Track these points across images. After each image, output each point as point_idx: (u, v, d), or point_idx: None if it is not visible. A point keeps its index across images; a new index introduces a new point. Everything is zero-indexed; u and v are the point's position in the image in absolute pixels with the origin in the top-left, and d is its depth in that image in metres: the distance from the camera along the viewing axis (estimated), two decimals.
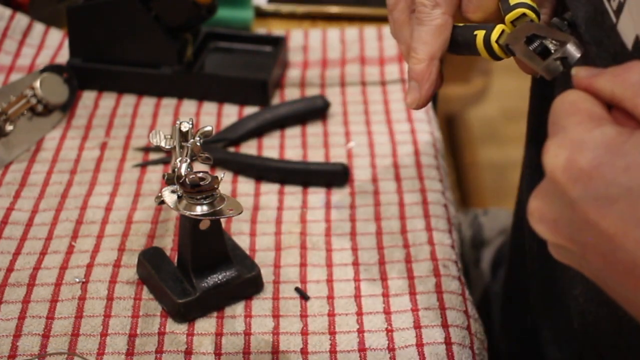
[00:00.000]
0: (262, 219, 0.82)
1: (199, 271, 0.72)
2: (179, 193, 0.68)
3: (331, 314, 0.72)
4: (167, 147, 0.68)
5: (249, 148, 0.91)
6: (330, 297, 0.74)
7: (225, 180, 0.86)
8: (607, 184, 0.46)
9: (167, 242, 0.79)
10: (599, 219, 0.46)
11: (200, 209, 0.67)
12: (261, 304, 0.73)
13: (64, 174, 0.88)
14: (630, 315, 0.49)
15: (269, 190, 0.85)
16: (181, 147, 0.68)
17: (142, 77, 0.99)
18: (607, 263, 0.47)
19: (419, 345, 0.69)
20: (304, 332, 0.71)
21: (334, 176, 0.86)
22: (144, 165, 0.89)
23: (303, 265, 0.77)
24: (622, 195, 0.45)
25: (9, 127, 0.90)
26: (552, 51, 0.59)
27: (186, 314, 0.71)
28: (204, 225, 0.70)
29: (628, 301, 0.48)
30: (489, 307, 1.05)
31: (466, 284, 0.76)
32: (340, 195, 0.85)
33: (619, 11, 0.56)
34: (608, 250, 0.46)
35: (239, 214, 0.68)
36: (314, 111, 0.95)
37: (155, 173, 0.88)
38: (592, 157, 0.46)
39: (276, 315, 0.72)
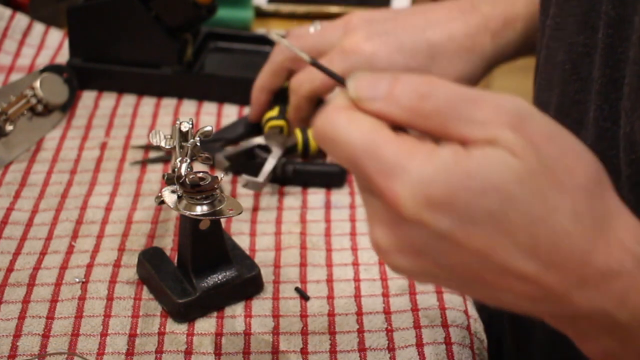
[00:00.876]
0: (262, 219, 0.82)
1: (199, 271, 0.72)
2: (179, 193, 0.68)
3: (331, 314, 0.72)
4: (167, 147, 0.68)
5: None
6: (330, 297, 0.74)
7: (225, 180, 0.86)
8: (470, 208, 0.45)
9: (167, 242, 0.79)
10: (468, 241, 0.45)
11: (200, 209, 0.67)
12: (261, 304, 0.73)
13: (64, 174, 0.88)
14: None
15: (269, 191, 0.85)
16: (181, 147, 0.68)
17: (142, 77, 0.99)
18: (476, 276, 0.47)
19: (419, 345, 0.69)
20: (304, 332, 0.71)
21: (333, 177, 0.86)
22: (143, 163, 0.89)
23: (303, 265, 0.77)
24: (486, 217, 0.45)
25: (9, 127, 0.90)
26: None
27: (186, 314, 0.71)
28: (204, 225, 0.70)
29: (502, 301, 0.48)
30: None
31: None
32: (340, 196, 0.85)
33: None
34: (478, 266, 0.46)
35: (239, 214, 0.67)
36: None
37: (155, 173, 0.88)
38: (446, 187, 0.45)
39: (276, 315, 0.72)
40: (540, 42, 0.74)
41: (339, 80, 0.48)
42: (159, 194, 0.69)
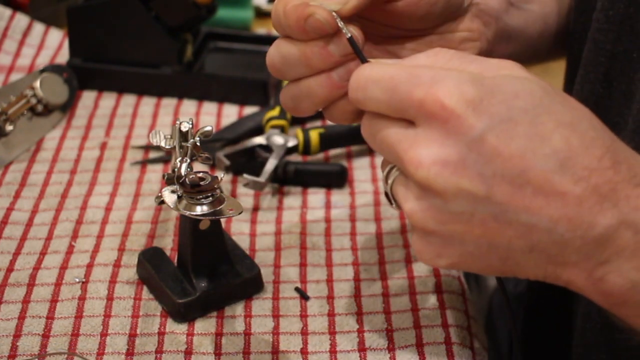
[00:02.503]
0: (262, 219, 0.82)
1: (199, 271, 0.72)
2: (179, 193, 0.68)
3: (331, 314, 0.72)
4: (167, 147, 0.68)
5: None
6: (330, 297, 0.74)
7: (225, 180, 0.86)
8: (506, 108, 0.48)
9: (167, 242, 0.79)
10: (507, 143, 0.48)
11: (200, 209, 0.67)
12: (261, 304, 0.73)
13: (64, 174, 0.88)
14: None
15: (269, 191, 0.85)
16: (181, 147, 0.68)
17: (142, 77, 0.99)
18: (514, 190, 0.48)
19: (419, 345, 0.69)
20: (304, 332, 0.71)
21: (333, 177, 0.86)
22: (143, 163, 0.89)
23: (303, 265, 0.77)
24: (522, 117, 0.48)
25: (9, 127, 0.90)
26: None
27: (186, 314, 0.71)
28: (204, 225, 0.70)
29: (532, 230, 0.49)
30: (502, 305, 1.05)
31: (475, 283, 0.76)
32: (340, 195, 0.85)
33: None
34: (516, 175, 0.48)
35: (239, 214, 0.67)
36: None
37: (155, 173, 0.88)
38: (482, 90, 0.49)
39: (276, 315, 0.72)
40: (580, 36, 0.73)
41: (364, 61, 0.56)
42: (159, 194, 0.69)
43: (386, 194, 0.55)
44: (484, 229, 0.49)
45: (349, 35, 0.56)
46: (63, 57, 1.03)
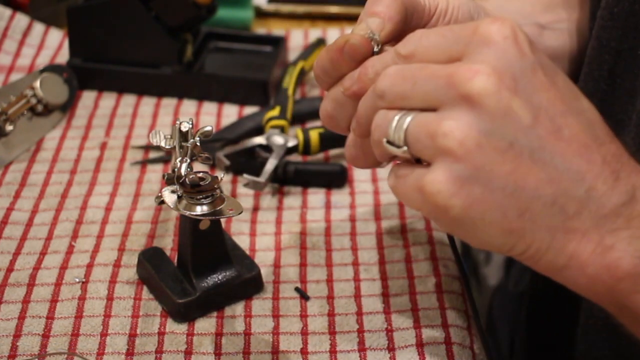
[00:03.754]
0: (262, 219, 0.82)
1: (199, 271, 0.72)
2: (179, 193, 0.68)
3: (331, 314, 0.72)
4: (167, 147, 0.68)
5: None
6: (330, 297, 0.74)
7: (225, 180, 0.86)
8: (548, 59, 0.51)
9: (167, 242, 0.79)
10: (553, 82, 0.50)
11: (200, 209, 0.67)
12: (261, 304, 0.73)
13: (64, 174, 0.88)
14: None
15: (269, 191, 0.85)
16: (181, 147, 0.68)
17: (142, 77, 0.99)
18: (555, 129, 0.49)
19: (419, 345, 0.69)
20: (304, 332, 0.71)
21: (333, 176, 0.86)
22: (143, 163, 0.89)
23: (303, 265, 0.77)
24: (559, 70, 0.51)
25: (9, 127, 0.90)
26: None
27: (186, 314, 0.71)
28: (204, 225, 0.70)
29: (561, 176, 0.50)
30: (502, 305, 1.05)
31: (476, 282, 0.76)
32: (340, 195, 0.85)
33: None
34: (559, 114, 0.50)
35: (239, 214, 0.67)
36: (313, 112, 0.95)
37: (155, 173, 0.88)
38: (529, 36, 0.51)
39: (276, 315, 0.72)
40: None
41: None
42: (159, 194, 0.69)
43: (389, 142, 0.53)
44: (517, 165, 0.49)
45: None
46: (63, 57, 1.03)
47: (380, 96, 0.53)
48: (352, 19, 1.12)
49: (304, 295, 0.74)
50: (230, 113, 0.96)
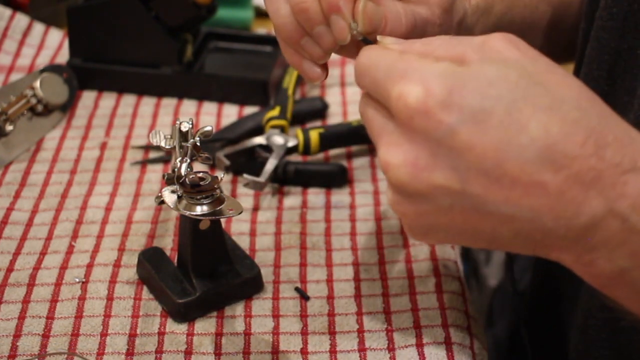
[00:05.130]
0: (262, 219, 0.82)
1: (199, 271, 0.72)
2: (179, 193, 0.68)
3: (331, 314, 0.72)
4: (167, 147, 0.68)
5: None
6: (330, 297, 0.74)
7: (225, 180, 0.86)
8: (479, 99, 0.47)
9: (167, 242, 0.79)
10: (480, 135, 0.47)
11: (200, 209, 0.67)
12: (261, 304, 0.73)
13: (64, 174, 0.88)
14: None
15: (269, 191, 0.85)
16: (181, 147, 0.68)
17: (142, 77, 0.99)
18: (491, 182, 0.48)
19: (419, 345, 0.69)
20: (304, 332, 0.71)
21: (333, 176, 0.86)
22: (143, 163, 0.89)
23: (303, 265, 0.77)
24: (496, 106, 0.47)
25: (9, 127, 0.90)
26: None
27: (186, 314, 0.71)
28: (204, 225, 0.70)
29: (513, 219, 0.48)
30: (502, 305, 1.05)
31: (476, 282, 0.76)
32: (340, 196, 0.85)
33: None
34: (492, 168, 0.47)
35: (239, 214, 0.67)
36: (313, 112, 0.95)
37: (155, 173, 0.88)
38: (451, 83, 0.48)
39: (276, 315, 0.72)
40: (584, 33, 0.73)
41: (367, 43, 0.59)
42: (159, 194, 0.69)
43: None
44: (466, 219, 0.49)
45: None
46: (63, 57, 1.03)
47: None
48: None
49: (304, 295, 0.74)
50: (230, 113, 0.96)
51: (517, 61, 0.49)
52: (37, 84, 0.92)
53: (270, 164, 0.83)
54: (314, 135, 0.87)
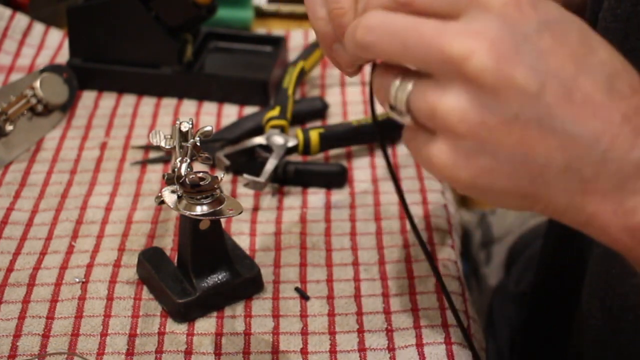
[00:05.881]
0: (262, 219, 0.82)
1: (199, 271, 0.72)
2: (179, 193, 0.68)
3: (331, 314, 0.72)
4: (167, 147, 0.68)
5: None
6: (330, 297, 0.74)
7: (225, 180, 0.86)
8: (559, 13, 0.48)
9: (167, 242, 0.79)
10: (561, 43, 0.47)
11: (200, 209, 0.67)
12: (261, 304, 0.73)
13: (64, 174, 0.88)
14: None
15: (269, 191, 0.85)
16: (181, 147, 0.68)
17: (142, 77, 0.99)
18: (566, 93, 0.47)
19: (419, 345, 0.69)
20: (304, 332, 0.71)
21: (333, 177, 0.86)
22: (143, 163, 0.89)
23: (303, 265, 0.77)
24: (572, 25, 0.48)
25: (9, 127, 0.90)
26: None
27: (186, 314, 0.71)
28: (204, 225, 0.70)
29: (574, 142, 0.47)
30: (502, 305, 1.05)
31: (476, 283, 0.76)
32: (340, 196, 0.85)
33: None
34: (569, 77, 0.47)
35: (239, 214, 0.67)
36: (313, 112, 0.95)
37: (155, 173, 0.88)
38: None
39: (276, 315, 0.72)
40: None
41: None
42: (159, 194, 0.69)
43: (392, 107, 0.51)
44: (525, 136, 0.47)
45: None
46: (63, 57, 1.03)
47: (363, 48, 0.50)
48: None
49: (304, 295, 0.74)
50: (230, 113, 0.96)
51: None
52: (37, 84, 0.92)
53: (270, 164, 0.83)
54: (314, 135, 0.87)
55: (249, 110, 0.97)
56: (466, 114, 0.47)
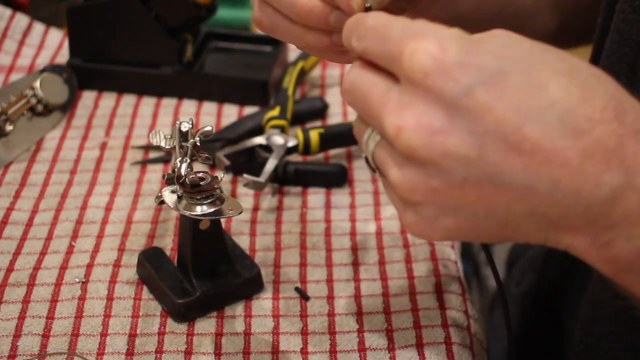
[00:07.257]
0: (262, 219, 0.82)
1: (199, 271, 0.72)
2: (179, 193, 0.68)
3: (331, 314, 0.72)
4: (167, 147, 0.68)
5: None
6: (330, 297, 0.74)
7: (225, 180, 0.86)
8: (496, 60, 0.45)
9: (167, 242, 0.79)
10: (498, 97, 0.45)
11: (200, 209, 0.67)
12: (261, 304, 0.73)
13: (64, 174, 0.88)
14: None
15: (269, 191, 0.85)
16: (181, 147, 0.68)
17: (142, 77, 0.99)
18: (509, 147, 0.45)
19: (419, 345, 0.69)
20: (304, 332, 0.71)
21: (333, 176, 0.86)
22: (143, 163, 0.89)
23: (303, 265, 0.77)
24: (514, 67, 0.45)
25: (9, 127, 0.90)
26: None
27: (186, 314, 0.71)
28: (204, 225, 0.70)
29: (531, 192, 0.45)
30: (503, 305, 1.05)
31: (476, 282, 0.76)
32: (340, 195, 0.85)
33: None
34: (511, 131, 0.44)
35: (239, 214, 0.67)
36: (313, 112, 0.95)
37: (155, 173, 0.88)
38: (467, 44, 0.46)
39: (276, 315, 0.72)
40: (602, 26, 0.72)
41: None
42: (159, 194, 0.69)
43: (366, 160, 0.51)
44: (479, 194, 0.46)
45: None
46: (63, 57, 1.03)
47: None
48: None
49: (304, 295, 0.74)
50: (230, 113, 0.96)
51: (525, 39, 0.48)
52: (37, 84, 0.92)
53: (270, 164, 0.83)
54: (314, 135, 0.87)
55: (249, 110, 0.97)
56: (414, 184, 0.47)
